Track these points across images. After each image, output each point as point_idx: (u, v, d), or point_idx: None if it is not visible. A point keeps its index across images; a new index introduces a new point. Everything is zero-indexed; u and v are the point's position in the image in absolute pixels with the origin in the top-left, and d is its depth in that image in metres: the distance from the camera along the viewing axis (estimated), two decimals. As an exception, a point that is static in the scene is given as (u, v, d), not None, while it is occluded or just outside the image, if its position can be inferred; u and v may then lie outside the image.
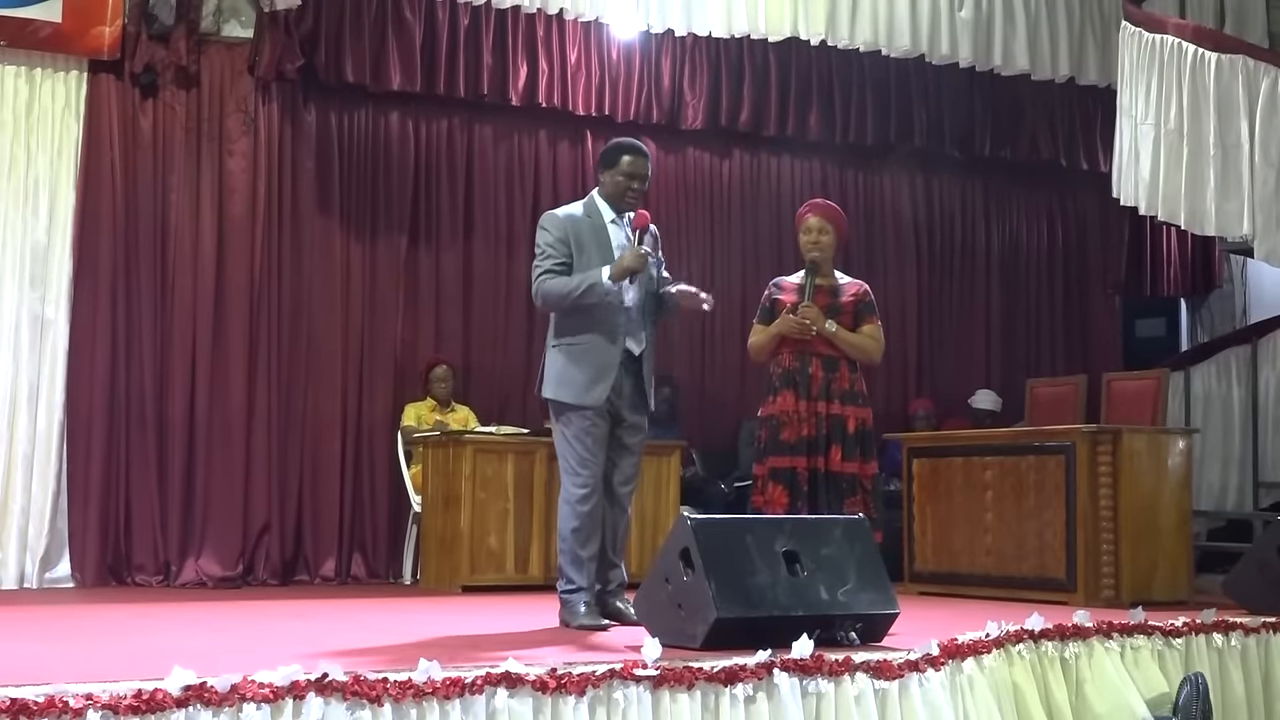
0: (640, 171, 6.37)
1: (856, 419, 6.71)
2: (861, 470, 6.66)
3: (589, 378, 6.20)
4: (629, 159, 6.37)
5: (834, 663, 4.77)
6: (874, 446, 6.80)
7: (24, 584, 8.75)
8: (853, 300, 6.81)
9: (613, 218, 6.37)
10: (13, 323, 8.93)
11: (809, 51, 10.75)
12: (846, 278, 6.98)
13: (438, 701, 4.13)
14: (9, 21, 8.88)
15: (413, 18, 9.79)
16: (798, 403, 6.68)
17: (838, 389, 6.69)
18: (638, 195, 6.41)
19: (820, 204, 7.09)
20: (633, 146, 6.47)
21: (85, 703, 3.71)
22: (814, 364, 6.74)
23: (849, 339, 6.75)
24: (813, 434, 6.64)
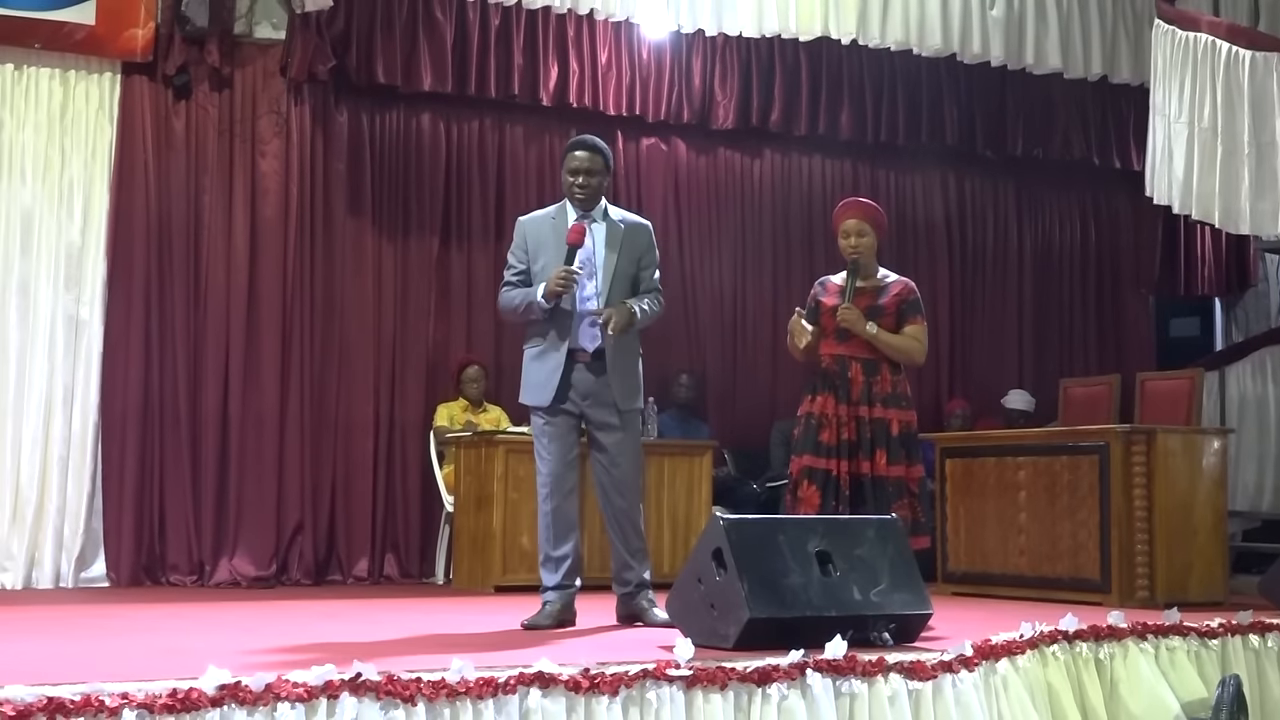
0: (580, 166, 6.31)
1: (900, 422, 6.52)
2: (907, 473, 6.49)
3: (541, 379, 6.32)
4: (569, 155, 6.38)
5: (867, 663, 4.76)
6: (919, 449, 6.65)
7: (60, 583, 8.80)
8: (895, 300, 6.63)
9: (576, 216, 6.35)
10: (48, 324, 8.97)
11: (840, 51, 10.72)
12: (893, 276, 6.79)
13: (471, 701, 4.14)
14: (43, 24, 8.93)
15: (444, 18, 9.80)
16: (838, 406, 6.51)
17: (879, 392, 6.50)
18: (586, 189, 6.33)
19: (856, 204, 6.90)
20: (575, 142, 6.45)
21: (121, 701, 3.73)
22: (854, 367, 6.54)
23: (889, 340, 6.55)
24: (853, 438, 6.47)
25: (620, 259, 6.33)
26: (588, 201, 6.35)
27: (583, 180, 6.31)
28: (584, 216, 6.35)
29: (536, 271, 6.30)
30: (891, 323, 6.57)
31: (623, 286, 6.33)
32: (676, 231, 10.78)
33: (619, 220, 6.44)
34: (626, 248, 6.36)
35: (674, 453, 9.33)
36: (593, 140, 6.46)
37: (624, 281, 6.34)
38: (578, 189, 6.32)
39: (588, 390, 6.28)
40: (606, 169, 6.41)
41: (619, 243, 6.34)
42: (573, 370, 6.28)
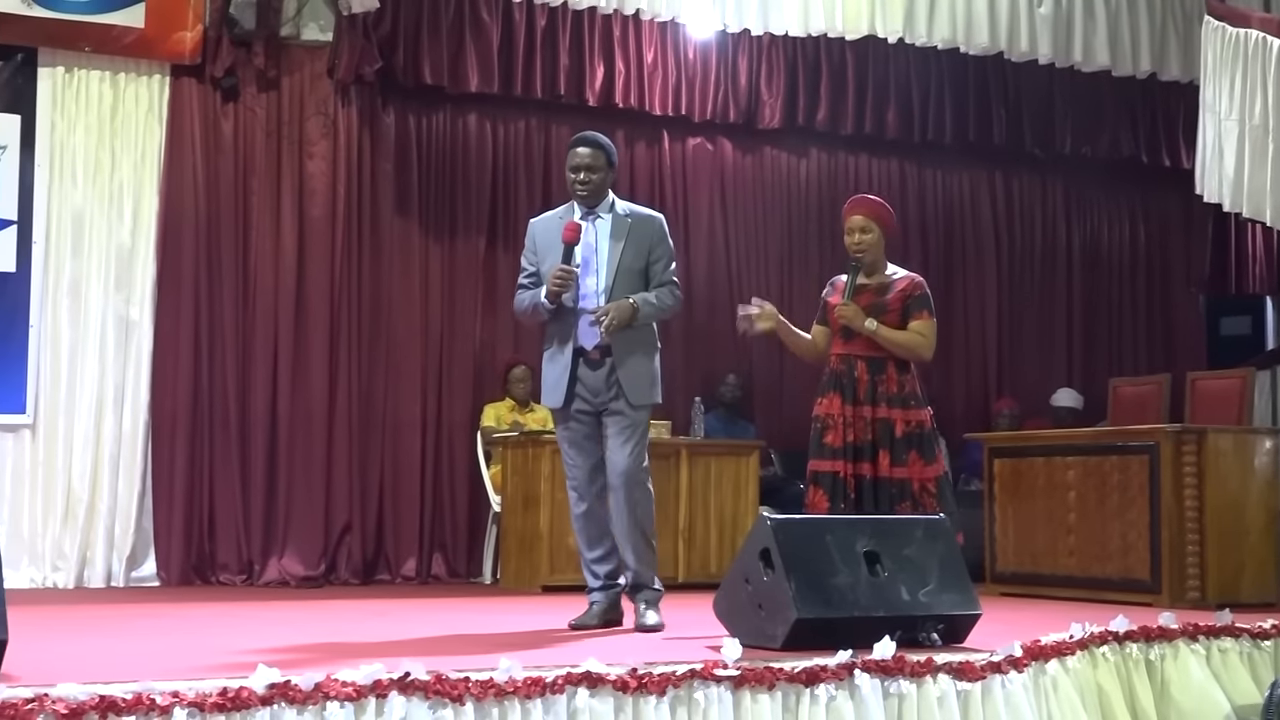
0: (581, 163, 6.26)
1: (906, 421, 6.39)
2: (918, 474, 6.34)
3: (553, 380, 6.27)
4: (570, 152, 6.35)
5: (916, 664, 4.75)
6: (935, 447, 6.50)
7: (111, 582, 8.86)
8: (899, 296, 6.48)
9: (582, 214, 6.30)
10: (99, 325, 9.04)
11: (886, 50, 10.69)
12: (901, 272, 6.63)
13: (519, 701, 4.15)
14: (93, 27, 9.00)
15: (490, 19, 9.82)
16: (844, 407, 6.43)
17: (885, 392, 6.40)
18: (588, 186, 6.25)
19: (861, 201, 6.75)
20: (576, 139, 6.40)
21: (172, 700, 3.75)
22: (859, 366, 6.42)
23: (892, 337, 6.40)
24: (858, 439, 6.37)
25: (625, 253, 6.23)
26: (591, 198, 6.28)
27: (584, 176, 6.25)
28: (588, 213, 6.28)
29: (545, 272, 6.25)
30: (896, 319, 6.44)
31: (628, 281, 6.21)
32: (723, 231, 10.77)
33: (625, 214, 6.34)
34: (632, 241, 6.25)
35: (720, 453, 9.32)
36: (593, 136, 6.40)
37: (630, 276, 6.22)
38: (579, 185, 6.26)
39: (596, 388, 6.19)
40: (610, 165, 6.33)
41: (624, 236, 6.25)
42: (579, 369, 6.21)
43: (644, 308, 6.18)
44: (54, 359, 8.95)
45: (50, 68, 9.06)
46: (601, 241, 6.25)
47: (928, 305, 6.51)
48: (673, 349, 10.35)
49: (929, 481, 6.34)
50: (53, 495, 8.88)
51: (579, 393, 6.20)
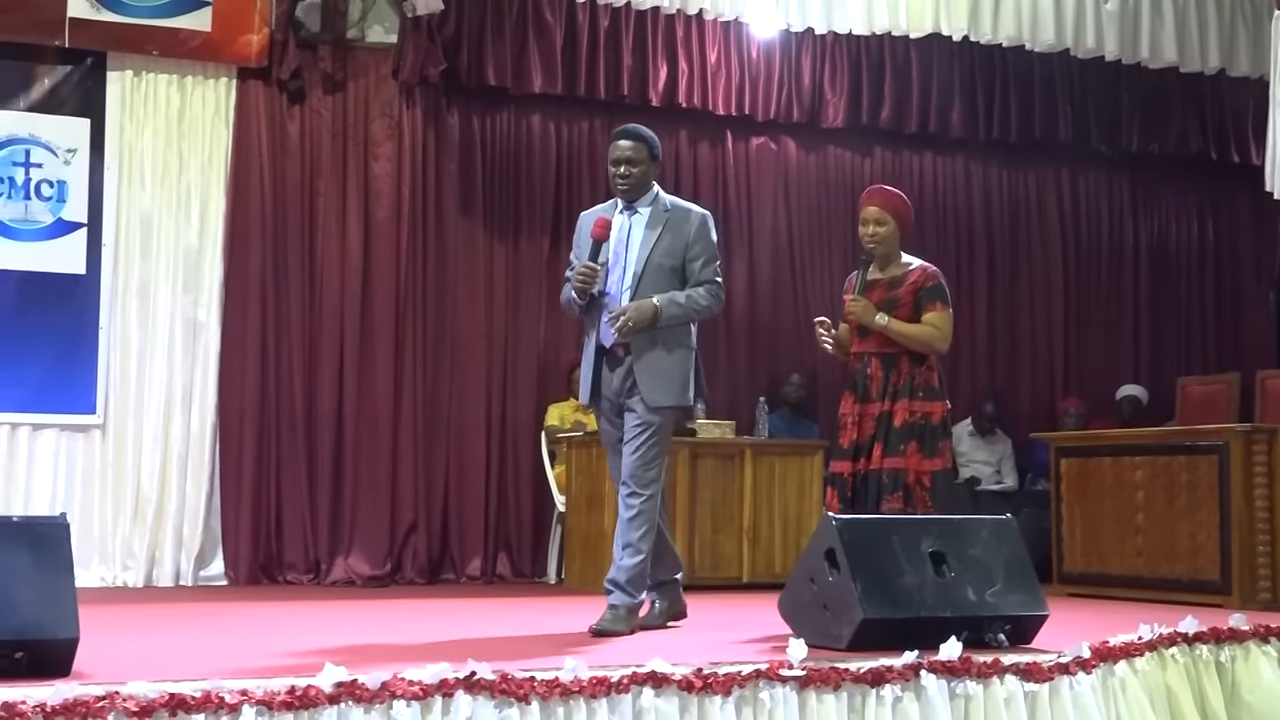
0: (621, 156, 6.11)
1: (910, 412, 6.19)
2: (914, 466, 6.16)
3: (582, 377, 6.23)
4: (611, 145, 6.21)
5: (982, 664, 4.73)
6: (940, 441, 6.27)
7: (179, 581, 8.94)
8: (911, 289, 6.32)
9: (622, 207, 6.18)
10: (167, 326, 9.12)
11: (951, 47, 10.63)
12: (916, 264, 6.44)
13: (584, 700, 4.16)
14: (160, 31, 9.09)
15: (553, 20, 9.84)
16: (854, 405, 6.31)
17: (893, 385, 6.25)
18: (628, 180, 6.10)
19: (876, 192, 6.61)
20: (617, 132, 6.26)
21: (240, 698, 3.78)
22: (873, 364, 6.31)
23: (901, 330, 6.24)
24: (862, 437, 6.25)
25: (656, 248, 6.07)
26: (631, 192, 6.13)
27: (624, 170, 6.10)
28: (628, 207, 6.16)
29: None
30: (908, 312, 6.30)
31: (657, 278, 6.04)
32: (786, 231, 10.75)
33: (666, 208, 6.18)
34: (667, 236, 6.09)
35: (785, 453, 9.30)
36: (635, 129, 6.24)
37: (660, 273, 6.05)
38: (620, 179, 6.11)
39: (617, 387, 6.08)
40: (652, 158, 6.17)
41: (658, 232, 6.09)
42: (602, 367, 6.12)
43: (668, 308, 6.00)
44: (123, 360, 9.04)
45: (119, 72, 9.15)
46: (635, 236, 6.12)
47: (941, 296, 6.37)
48: (737, 349, 10.39)
49: (925, 475, 6.17)
50: (122, 495, 8.97)
51: (603, 391, 6.13)
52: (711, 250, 6.20)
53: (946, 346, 6.40)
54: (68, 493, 8.90)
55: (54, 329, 8.91)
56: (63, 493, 8.89)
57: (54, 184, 8.99)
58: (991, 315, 11.27)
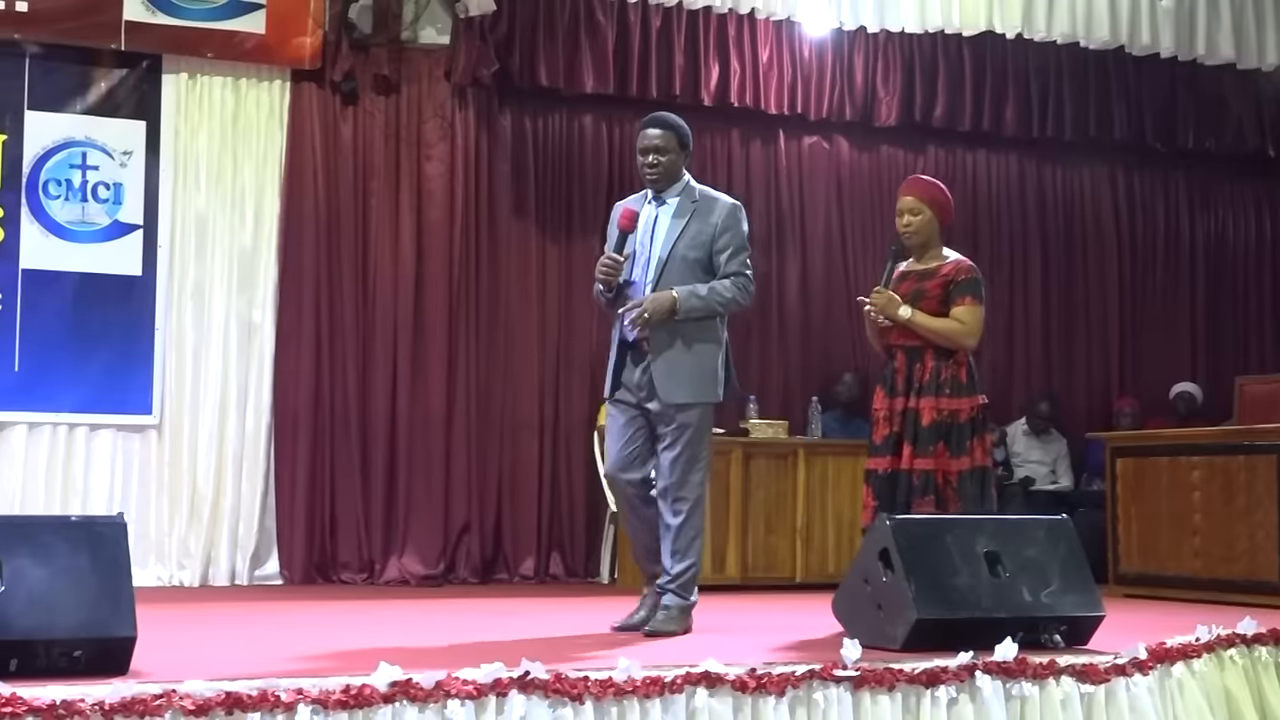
0: (650, 145, 6.01)
1: (936, 410, 6.08)
2: (944, 465, 6.05)
3: (607, 370, 6.08)
4: (640, 135, 6.10)
5: (1038, 665, 4.70)
6: (970, 439, 6.11)
7: (235, 581, 8.99)
8: (941, 282, 6.22)
9: (651, 197, 6.08)
10: (222, 327, 9.17)
11: (1004, 45, 10.57)
12: (953, 257, 6.33)
13: (638, 700, 4.16)
14: (215, 34, 9.14)
15: (605, 20, 9.84)
16: (884, 399, 6.24)
17: (918, 381, 6.16)
18: (656, 169, 5.99)
19: (914, 181, 6.55)
20: (645, 120, 6.15)
21: (296, 697, 3.80)
22: (899, 357, 6.22)
23: (925, 324, 6.14)
24: (892, 432, 6.16)
25: (681, 240, 5.94)
26: (660, 182, 6.01)
27: (653, 159, 5.99)
28: (656, 197, 6.05)
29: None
30: (935, 305, 6.19)
31: (681, 270, 5.91)
32: (839, 230, 10.71)
33: (694, 199, 6.05)
34: (693, 226, 5.96)
35: (838, 453, 9.28)
36: (664, 117, 6.14)
37: (683, 265, 5.92)
38: (649, 169, 6.00)
39: (636, 383, 5.96)
40: (682, 147, 6.06)
41: (684, 222, 5.97)
42: (626, 361, 6.00)
43: (687, 300, 5.85)
44: (179, 361, 9.10)
45: (174, 74, 9.20)
46: (660, 226, 6.00)
47: (972, 290, 6.23)
48: (789, 349, 10.37)
49: (953, 475, 6.06)
50: (178, 495, 9.03)
51: (625, 384, 6.00)
52: (740, 241, 6.04)
53: (974, 342, 6.26)
54: (124, 492, 8.96)
55: (111, 330, 8.97)
56: (120, 493, 8.95)
57: (110, 186, 9.06)
58: (1046, 314, 11.20)
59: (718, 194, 6.19)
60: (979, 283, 6.28)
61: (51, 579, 4.14)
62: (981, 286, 6.28)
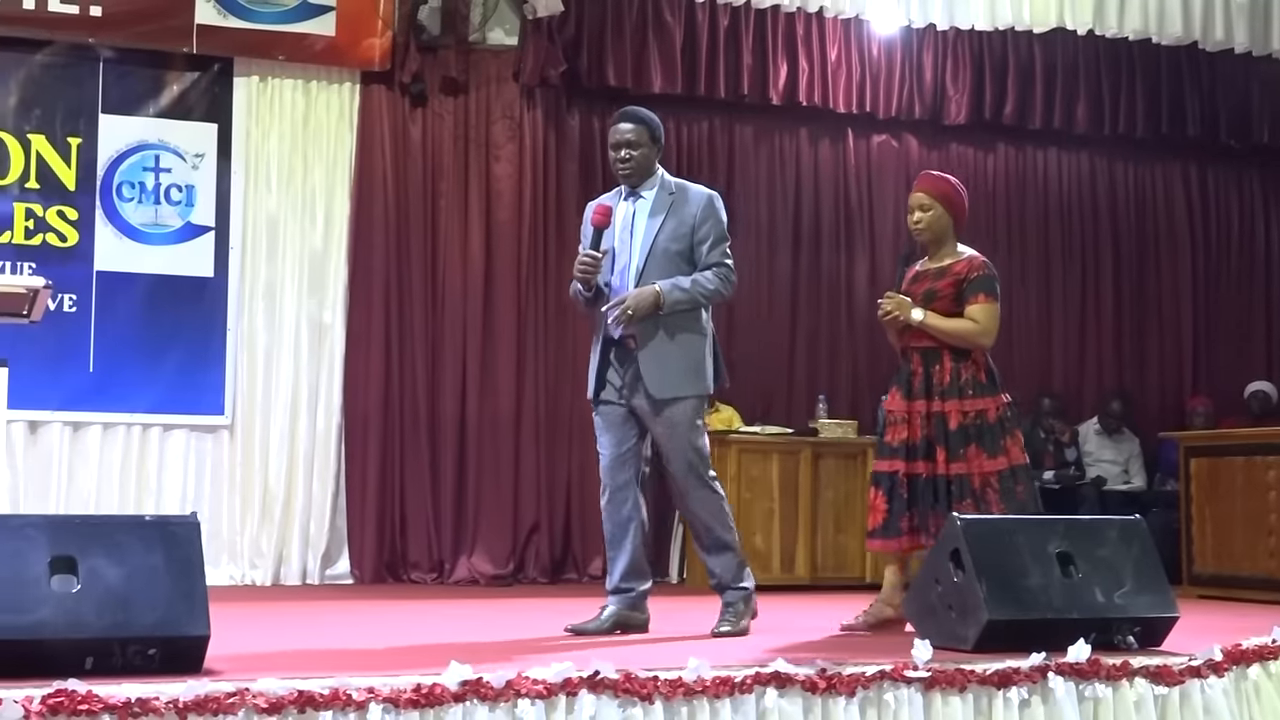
0: (621, 139, 5.86)
1: (963, 413, 5.98)
2: (978, 468, 5.94)
3: (590, 370, 6.00)
4: (611, 129, 5.97)
5: (1111, 667, 4.66)
6: (1003, 439, 6.00)
7: (306, 580, 9.06)
8: (953, 281, 6.09)
9: (625, 194, 5.94)
10: (293, 328, 9.23)
11: (1075, 42, 10.51)
12: (966, 254, 6.20)
13: (707, 700, 4.15)
14: (286, 37, 9.21)
15: (673, 20, 9.85)
16: (901, 402, 6.13)
17: (939, 384, 6.04)
18: (629, 164, 5.86)
19: (926, 176, 6.41)
20: (617, 115, 6.01)
21: (368, 695, 3.82)
22: (914, 359, 6.11)
23: (941, 326, 6.03)
24: (914, 437, 6.05)
25: (660, 232, 5.83)
26: (633, 177, 5.88)
27: (625, 154, 5.85)
28: (631, 193, 5.92)
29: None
30: (948, 305, 6.07)
31: (663, 263, 5.80)
32: (908, 229, 10.63)
33: (670, 192, 5.91)
34: (671, 218, 5.84)
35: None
36: (634, 111, 6.00)
37: (665, 258, 5.81)
38: (621, 164, 5.86)
39: (623, 380, 5.87)
40: (654, 141, 5.90)
41: (662, 215, 5.85)
42: (610, 359, 5.90)
43: (671, 294, 5.75)
44: (250, 361, 9.17)
45: (245, 77, 9.28)
46: (638, 222, 5.89)
47: (986, 288, 6.11)
48: (858, 349, 10.32)
49: (991, 476, 5.94)
50: (250, 494, 9.10)
51: (611, 383, 5.91)
52: (720, 231, 5.94)
53: (990, 341, 6.13)
54: (197, 492, 9.04)
55: (183, 331, 9.05)
56: (192, 492, 9.03)
57: (183, 188, 9.14)
58: (1118, 313, 11.10)
59: (693, 185, 6.08)
60: (992, 279, 6.17)
61: (127, 578, 4.17)
62: (995, 283, 6.17)
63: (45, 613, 4.05)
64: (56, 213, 8.88)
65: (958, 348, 6.05)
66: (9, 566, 4.08)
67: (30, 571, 4.09)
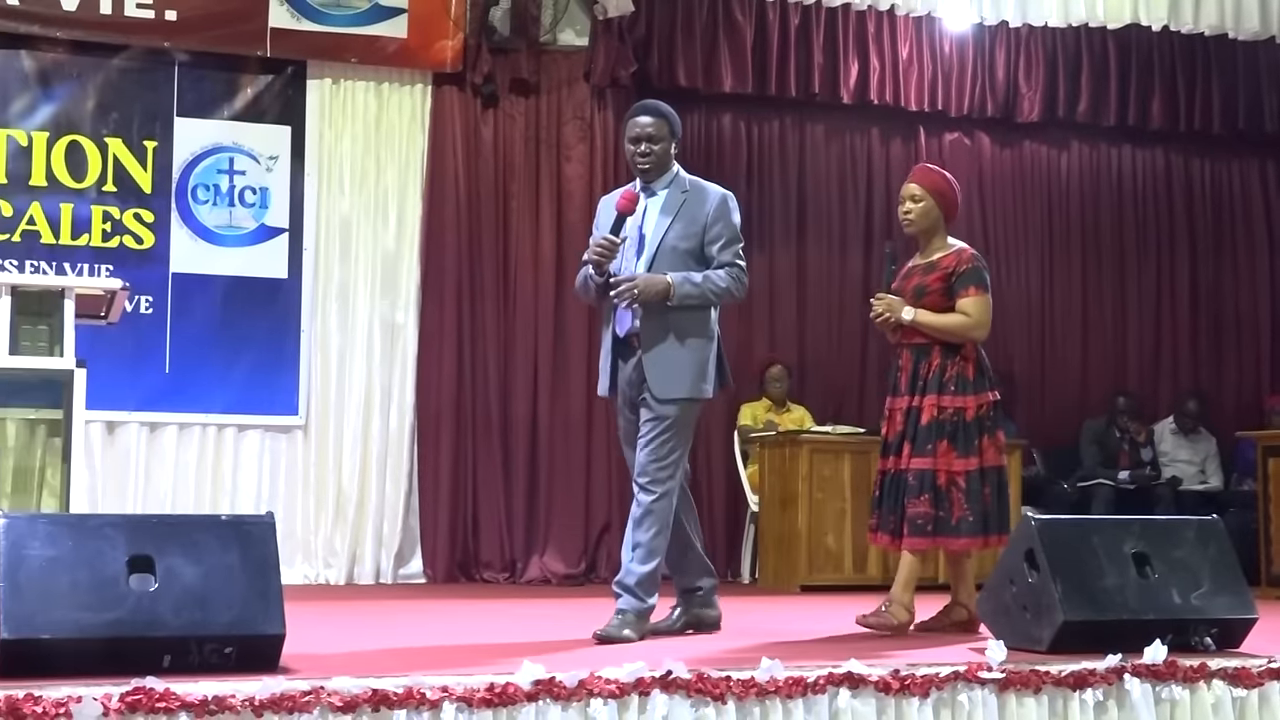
0: (641, 133, 5.71)
1: (939, 408, 5.84)
2: (946, 465, 5.80)
3: (601, 368, 5.88)
4: (629, 123, 5.81)
5: (1188, 669, 4.61)
6: (978, 438, 5.86)
7: (380, 579, 9.11)
8: (941, 275, 5.97)
9: (640, 189, 5.78)
10: (366, 329, 9.29)
11: (1150, 37, 10.42)
12: (955, 246, 6.08)
13: (780, 700, 4.15)
14: (358, 39, 9.28)
15: (743, 19, 9.84)
16: (890, 399, 6.04)
17: (923, 379, 5.92)
18: (648, 159, 5.70)
19: (917, 169, 6.29)
20: (636, 108, 5.87)
21: (441, 694, 3.84)
22: (904, 355, 6.00)
23: (932, 323, 5.90)
24: (891, 433, 5.97)
25: (672, 229, 5.69)
26: (652, 171, 5.74)
27: (645, 149, 5.70)
28: (645, 188, 5.77)
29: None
30: (938, 300, 5.94)
31: (673, 261, 5.65)
32: (981, 227, 10.61)
33: (684, 190, 5.79)
34: (683, 217, 5.71)
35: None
36: (654, 104, 5.88)
37: (675, 255, 5.67)
38: (640, 158, 5.71)
39: (628, 378, 5.71)
40: (672, 135, 5.77)
41: (674, 212, 5.72)
42: (618, 357, 5.75)
43: (682, 286, 5.59)
44: (324, 362, 9.23)
45: (318, 80, 9.35)
46: (650, 219, 5.75)
47: (976, 280, 5.98)
48: (931, 347, 10.24)
49: (959, 475, 5.82)
50: (324, 494, 9.16)
51: (619, 383, 5.76)
52: (733, 232, 5.79)
53: (983, 334, 5.99)
54: (271, 492, 9.11)
55: (257, 332, 9.13)
56: (267, 491, 9.10)
57: (257, 191, 9.22)
58: (1194, 311, 11.00)
59: (707, 184, 5.97)
60: (982, 271, 6.04)
61: (203, 577, 4.21)
62: (985, 275, 6.04)
63: (123, 611, 4.10)
64: (133, 215, 8.98)
65: (949, 343, 5.95)
66: (88, 566, 4.13)
67: (109, 570, 4.14)
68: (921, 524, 5.79)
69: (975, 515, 5.81)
